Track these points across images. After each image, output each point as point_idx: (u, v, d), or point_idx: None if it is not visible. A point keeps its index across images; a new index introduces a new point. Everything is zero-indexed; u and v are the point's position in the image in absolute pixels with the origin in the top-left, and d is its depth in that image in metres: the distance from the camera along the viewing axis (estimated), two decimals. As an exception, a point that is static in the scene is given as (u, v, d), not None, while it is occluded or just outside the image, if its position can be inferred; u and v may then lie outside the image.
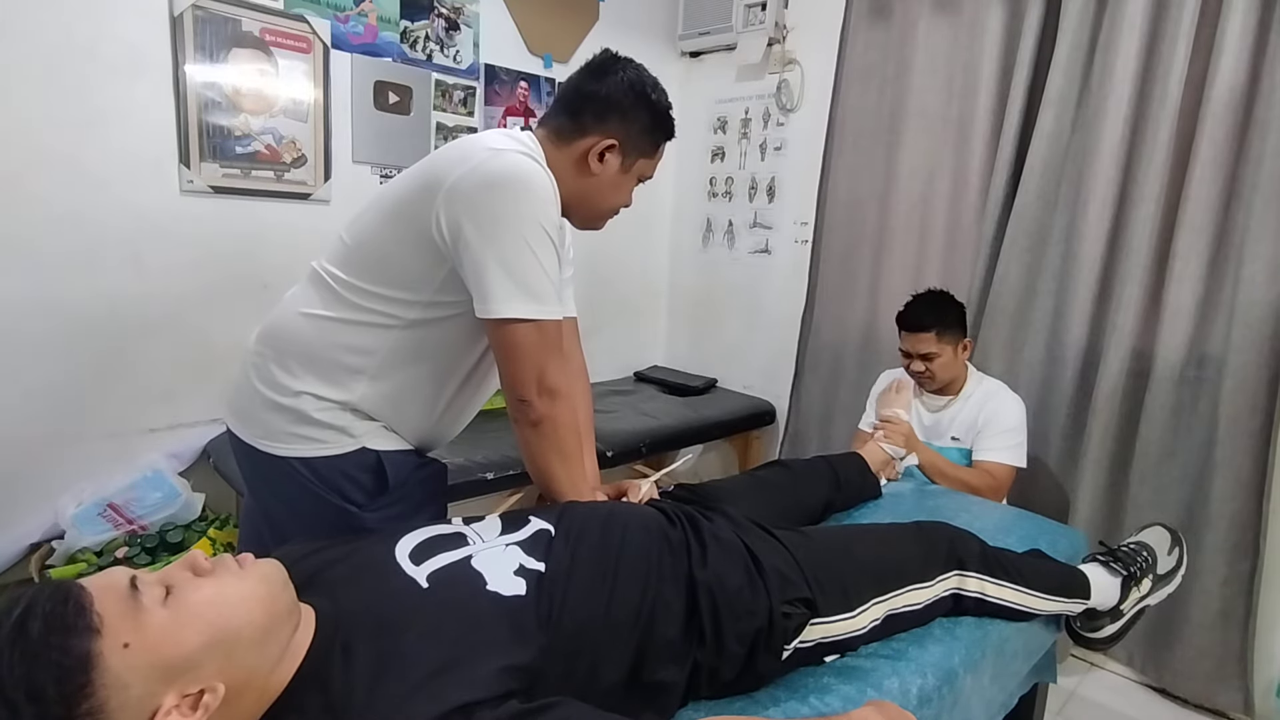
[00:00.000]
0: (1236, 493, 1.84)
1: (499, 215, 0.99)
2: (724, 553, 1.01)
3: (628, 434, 2.42)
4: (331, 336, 1.09)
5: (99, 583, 0.63)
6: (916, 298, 1.98)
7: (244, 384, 1.13)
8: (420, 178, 1.06)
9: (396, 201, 1.08)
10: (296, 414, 1.08)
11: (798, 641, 1.01)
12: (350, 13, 2.20)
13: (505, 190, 0.99)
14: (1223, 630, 1.88)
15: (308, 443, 1.09)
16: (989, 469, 1.89)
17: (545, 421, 1.08)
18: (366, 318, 1.08)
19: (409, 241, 1.04)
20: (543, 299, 1.02)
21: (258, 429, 1.11)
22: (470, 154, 1.02)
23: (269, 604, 0.69)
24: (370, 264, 1.08)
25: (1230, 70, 1.80)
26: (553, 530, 0.94)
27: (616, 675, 0.86)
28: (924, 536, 1.25)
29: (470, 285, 1.01)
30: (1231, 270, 1.85)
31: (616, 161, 1.17)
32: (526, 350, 1.02)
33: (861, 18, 2.54)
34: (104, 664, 0.59)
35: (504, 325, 1.01)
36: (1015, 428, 1.92)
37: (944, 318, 1.92)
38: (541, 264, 1.01)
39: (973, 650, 1.19)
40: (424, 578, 0.81)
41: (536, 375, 1.04)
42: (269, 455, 1.09)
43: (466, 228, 0.98)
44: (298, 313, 1.11)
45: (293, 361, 1.09)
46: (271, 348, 1.11)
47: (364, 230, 1.11)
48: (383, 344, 1.08)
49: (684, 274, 3.32)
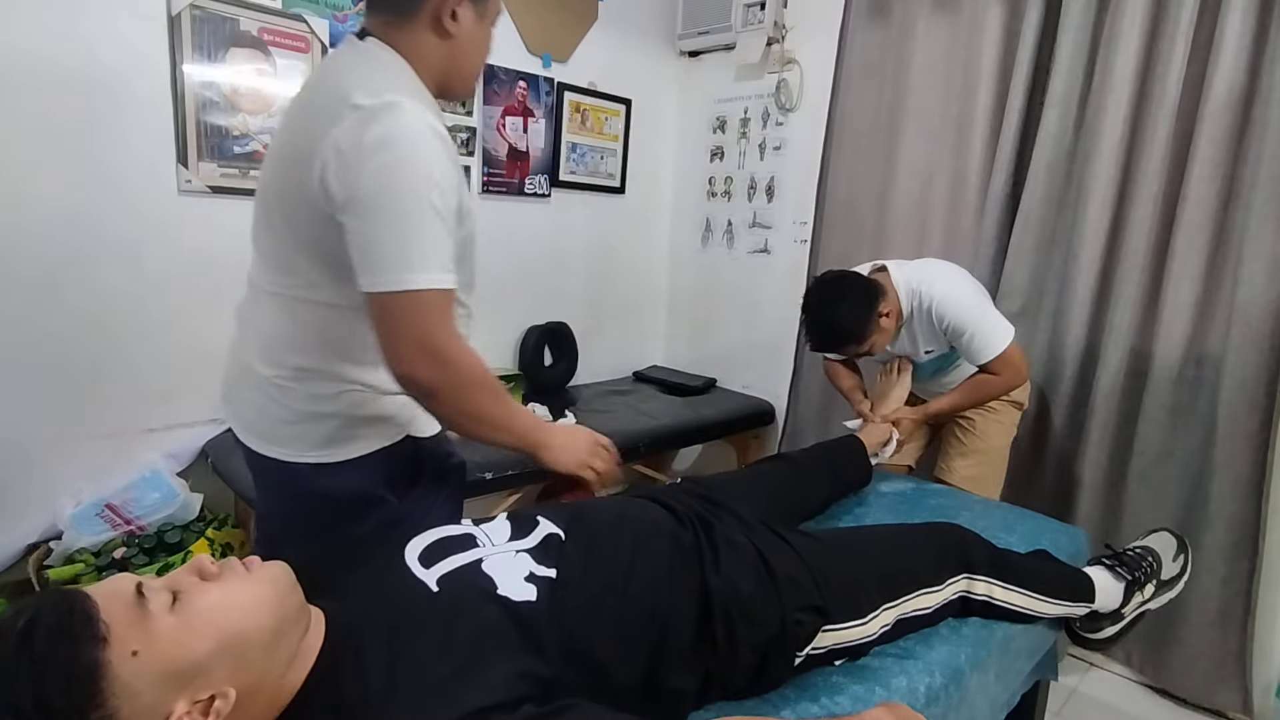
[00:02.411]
0: (1235, 492, 1.84)
1: (382, 183, 0.90)
2: (737, 558, 1.01)
3: (626, 434, 2.41)
4: (337, 320, 1.03)
5: (105, 590, 0.63)
6: (810, 327, 1.80)
7: (266, 406, 1.06)
8: (292, 152, 0.97)
9: (281, 189, 1.00)
10: (344, 418, 1.06)
11: (810, 649, 1.01)
12: (349, 12, 2.19)
13: (386, 154, 0.89)
14: (1221, 630, 1.89)
15: (356, 442, 1.07)
16: (991, 368, 1.79)
17: (440, 394, 0.97)
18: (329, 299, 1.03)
19: (319, 220, 0.96)
20: (432, 267, 0.93)
21: (294, 444, 1.06)
22: (339, 114, 0.91)
23: (277, 607, 0.69)
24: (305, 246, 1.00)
25: (1229, 70, 1.81)
26: (563, 535, 0.93)
27: (629, 682, 0.85)
28: (933, 539, 1.26)
29: (355, 257, 0.93)
30: (1230, 270, 1.86)
31: (470, 12, 1.04)
32: (410, 323, 0.93)
33: (861, 17, 2.54)
34: (113, 673, 0.58)
35: (387, 297, 0.92)
36: (976, 319, 1.77)
37: (847, 336, 1.76)
38: (431, 229, 0.93)
39: (979, 649, 1.20)
40: (434, 581, 0.80)
41: (417, 340, 0.94)
42: (311, 465, 1.05)
43: (350, 196, 0.90)
44: (288, 311, 1.04)
45: (318, 363, 1.03)
46: (289, 365, 1.04)
47: (276, 224, 1.03)
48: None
49: (683, 274, 3.32)
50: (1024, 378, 1.87)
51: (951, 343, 1.83)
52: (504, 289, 2.75)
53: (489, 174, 2.61)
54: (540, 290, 2.88)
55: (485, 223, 2.77)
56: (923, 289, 1.80)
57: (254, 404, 1.07)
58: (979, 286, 1.89)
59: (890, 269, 1.85)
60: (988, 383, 1.83)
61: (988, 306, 1.83)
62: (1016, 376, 1.83)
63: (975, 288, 1.87)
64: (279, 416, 1.05)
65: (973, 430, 1.96)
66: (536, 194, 2.78)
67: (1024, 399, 1.99)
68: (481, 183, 2.60)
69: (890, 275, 1.84)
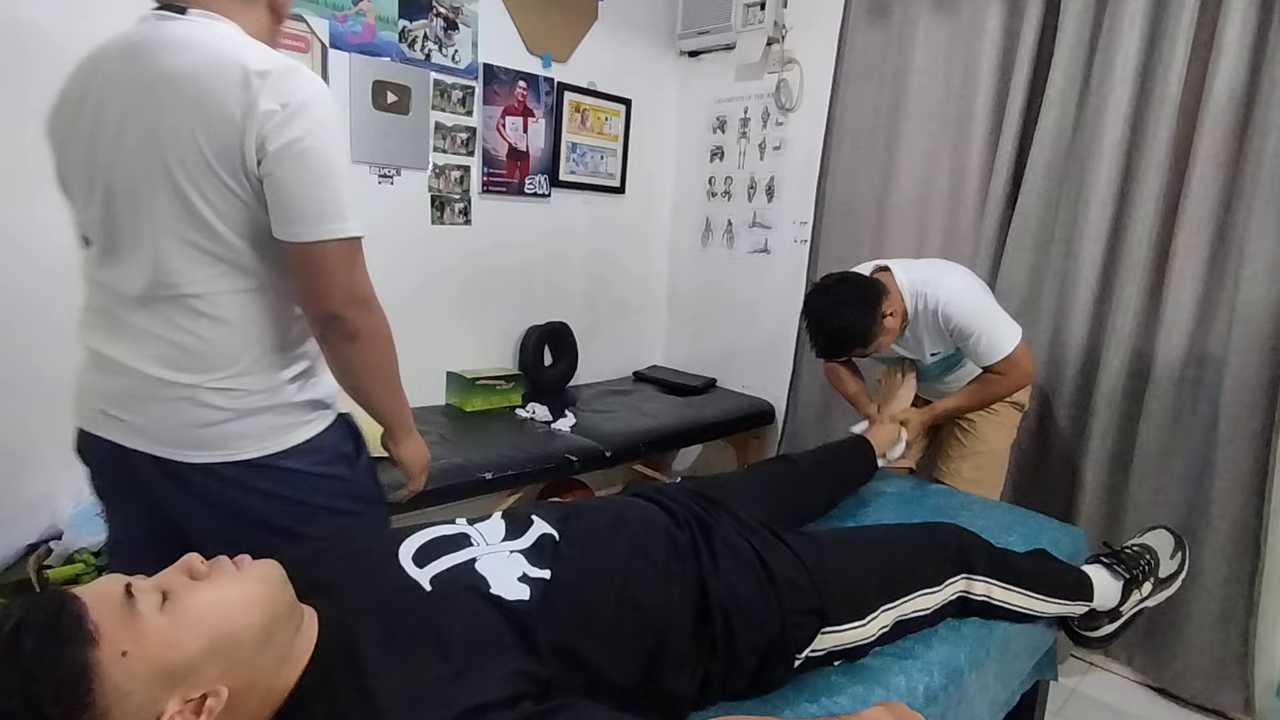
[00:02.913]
0: (1237, 492, 1.84)
1: (312, 137, 0.94)
2: (735, 560, 1.01)
3: (626, 434, 2.41)
4: (267, 304, 1.03)
5: (94, 591, 0.63)
6: (814, 335, 1.78)
7: (196, 414, 1.00)
8: (181, 130, 0.92)
9: (180, 169, 0.94)
10: (285, 405, 1.05)
11: (809, 650, 1.01)
12: (348, 12, 2.19)
13: (312, 111, 0.94)
14: (1223, 630, 1.88)
15: (302, 427, 1.07)
16: (998, 369, 1.78)
17: (361, 337, 1.03)
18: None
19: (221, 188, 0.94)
20: (358, 216, 0.99)
21: (234, 443, 1.03)
22: (245, 80, 0.91)
23: (268, 606, 0.69)
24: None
25: (1230, 70, 1.80)
26: (557, 535, 0.93)
27: (626, 683, 0.85)
28: (933, 540, 1.25)
29: (281, 210, 0.94)
30: (1232, 269, 1.86)
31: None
32: (343, 266, 0.98)
33: (860, 17, 2.54)
34: (103, 673, 0.58)
35: (321, 245, 0.96)
36: (983, 321, 1.75)
37: (852, 341, 1.74)
38: (349, 181, 0.98)
39: (978, 649, 1.19)
40: (427, 581, 0.80)
41: (346, 286, 0.99)
42: (245, 462, 1.02)
43: (283, 146, 0.92)
44: (214, 307, 0.99)
45: (261, 354, 1.03)
46: (229, 367, 1.01)
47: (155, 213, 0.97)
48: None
49: (683, 274, 3.32)
50: (1030, 378, 1.86)
51: (958, 344, 1.81)
52: (504, 289, 2.75)
53: (489, 174, 2.61)
54: (540, 290, 2.88)
55: (485, 223, 2.80)
56: (928, 290, 1.78)
57: (174, 414, 1.00)
58: (984, 287, 1.88)
59: (894, 269, 1.84)
60: (995, 383, 1.81)
61: (994, 307, 1.81)
62: (1024, 377, 1.82)
63: (981, 288, 1.85)
64: (209, 419, 1.00)
65: (973, 432, 1.95)
66: (536, 194, 2.78)
67: (1024, 400, 1.98)
68: (481, 183, 2.60)
69: (894, 275, 1.82)
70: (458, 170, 2.53)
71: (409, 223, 2.45)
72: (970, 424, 1.95)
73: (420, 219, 2.48)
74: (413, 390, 2.64)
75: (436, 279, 2.54)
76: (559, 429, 2.40)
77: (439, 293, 2.56)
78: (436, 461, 1.99)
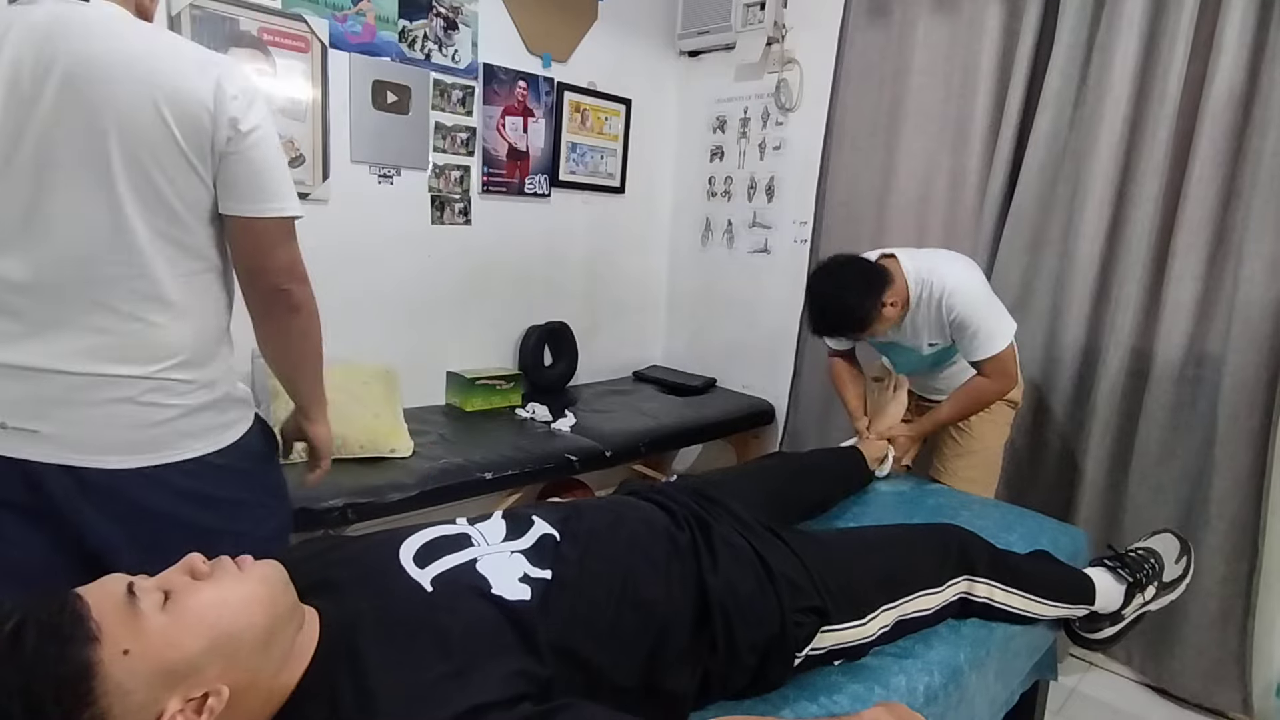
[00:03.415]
0: (1236, 492, 1.84)
1: (267, 124, 1.01)
2: (734, 559, 1.01)
3: (626, 434, 2.41)
4: (217, 286, 1.06)
5: (96, 590, 0.63)
6: (812, 310, 1.77)
7: (136, 413, 0.96)
8: (138, 112, 0.90)
9: (144, 152, 0.92)
10: (227, 401, 1.07)
11: (809, 649, 1.01)
12: (348, 12, 2.19)
13: (260, 101, 1.00)
14: (1221, 630, 1.88)
15: (238, 424, 1.09)
16: (985, 369, 1.77)
17: (303, 309, 1.09)
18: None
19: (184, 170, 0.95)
20: (297, 198, 1.06)
21: (180, 442, 1.00)
22: (202, 65, 0.94)
23: (269, 606, 0.69)
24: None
25: (1229, 69, 1.81)
26: (558, 535, 0.93)
27: (626, 683, 0.85)
28: (934, 540, 1.26)
29: (240, 186, 0.99)
30: (1231, 269, 1.86)
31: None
32: (288, 243, 1.05)
33: (860, 17, 2.54)
34: (104, 672, 0.58)
35: (273, 222, 1.02)
36: (984, 315, 1.74)
37: (849, 323, 1.72)
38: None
39: (978, 648, 1.20)
40: (428, 581, 0.80)
41: (291, 261, 1.06)
42: (188, 462, 1.00)
43: (253, 128, 0.98)
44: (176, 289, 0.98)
45: (208, 342, 1.03)
46: (176, 354, 0.99)
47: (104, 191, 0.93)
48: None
49: (683, 274, 3.32)
50: (1014, 382, 1.85)
51: (954, 336, 1.79)
52: (504, 289, 2.75)
53: (489, 174, 2.61)
54: (540, 290, 2.88)
55: (485, 223, 2.79)
56: (934, 279, 1.76)
57: (114, 417, 0.94)
58: (986, 281, 1.87)
59: (900, 257, 1.81)
60: (979, 391, 1.81)
61: (995, 303, 1.81)
62: (1008, 382, 1.81)
63: (984, 281, 1.84)
64: (155, 419, 0.97)
65: (968, 431, 1.95)
66: (536, 194, 2.78)
67: (1018, 397, 1.97)
68: (481, 183, 2.60)
69: (900, 263, 1.80)
70: (458, 170, 2.53)
71: (409, 223, 2.45)
72: (965, 423, 1.95)
73: (420, 219, 2.48)
74: (413, 390, 2.65)
75: (436, 279, 2.54)
76: (559, 429, 2.40)
77: (439, 293, 2.56)
78: (436, 461, 2.01)
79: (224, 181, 0.98)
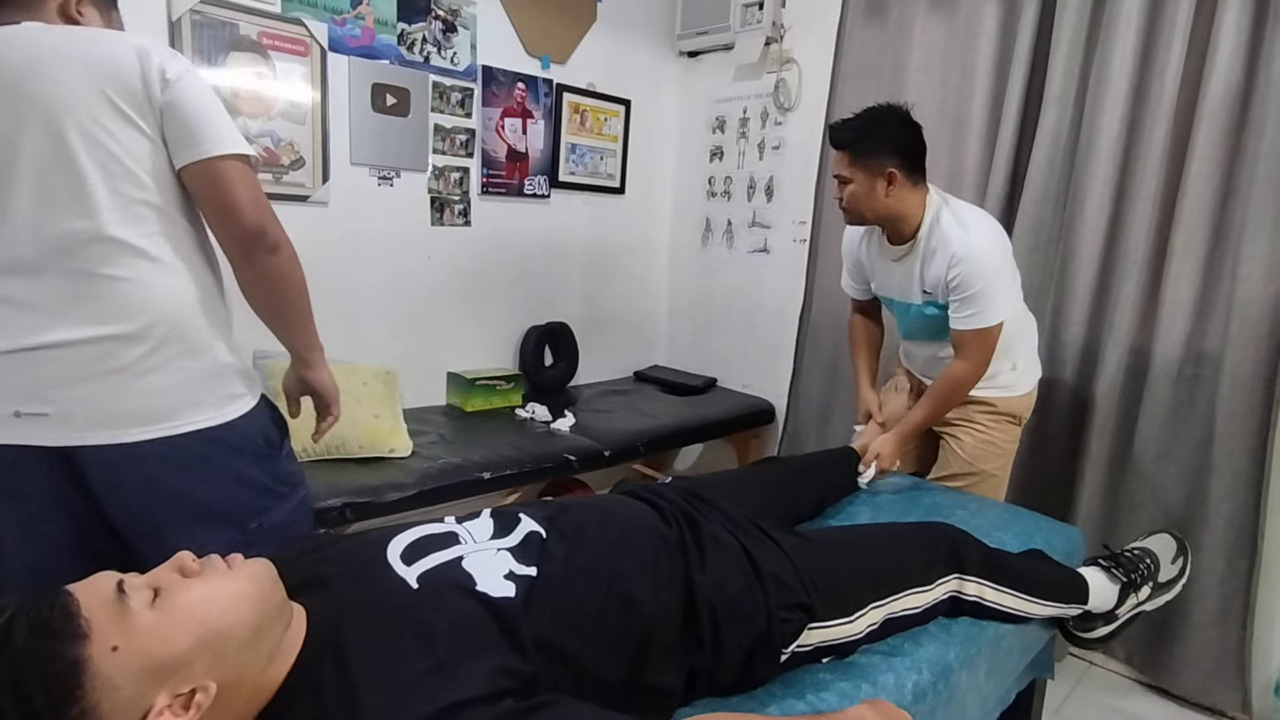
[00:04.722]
0: (1234, 490, 1.84)
1: (184, 71, 1.02)
2: (722, 556, 1.02)
3: (625, 433, 2.42)
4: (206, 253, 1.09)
5: (86, 587, 0.64)
6: (860, 111, 1.70)
7: (143, 384, 0.99)
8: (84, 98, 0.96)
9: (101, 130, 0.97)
10: (226, 368, 1.09)
11: (795, 646, 1.01)
12: (347, 15, 2.20)
13: (177, 56, 1.03)
14: (1220, 629, 1.88)
15: (240, 399, 1.10)
16: (964, 341, 1.67)
17: (283, 248, 1.08)
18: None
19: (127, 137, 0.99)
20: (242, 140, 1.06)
21: (182, 412, 1.02)
22: (126, 38, 1.02)
23: (258, 603, 0.70)
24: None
25: (1226, 67, 1.80)
26: (544, 532, 0.94)
27: (612, 679, 0.86)
28: (925, 539, 1.26)
29: (185, 134, 1.01)
30: (1229, 268, 1.85)
31: (92, 9, 1.12)
32: (250, 180, 1.05)
33: (858, 16, 2.54)
34: (93, 668, 0.59)
35: (226, 161, 1.02)
36: (990, 282, 1.61)
37: (863, 138, 1.64)
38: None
39: (968, 647, 1.20)
40: (415, 578, 0.81)
41: (254, 197, 1.05)
42: (191, 435, 1.02)
43: (179, 75, 1.01)
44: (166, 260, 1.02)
45: (191, 295, 1.05)
46: (161, 313, 1.01)
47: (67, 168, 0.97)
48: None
49: (683, 274, 3.33)
50: (986, 368, 1.71)
51: (951, 295, 1.65)
52: (504, 290, 2.77)
53: (488, 175, 2.63)
54: (540, 291, 2.89)
55: (485, 224, 2.80)
56: (953, 225, 1.64)
57: (117, 387, 0.97)
58: (1009, 252, 1.72)
59: (932, 190, 1.72)
60: (955, 382, 1.71)
61: (1008, 274, 1.68)
62: (984, 365, 1.69)
63: (1007, 251, 1.71)
64: (157, 385, 1.00)
65: (961, 453, 1.85)
66: (536, 195, 2.79)
67: (1022, 413, 1.87)
68: (481, 184, 2.61)
69: (929, 194, 1.71)
70: (457, 172, 2.54)
71: (409, 224, 2.46)
72: (963, 447, 1.85)
73: (420, 220, 2.49)
74: (413, 391, 2.65)
75: (436, 280, 2.56)
76: (559, 429, 2.41)
77: (439, 293, 2.57)
78: (436, 461, 2.02)
79: (169, 138, 1.01)
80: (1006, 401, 1.82)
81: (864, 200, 1.69)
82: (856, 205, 1.71)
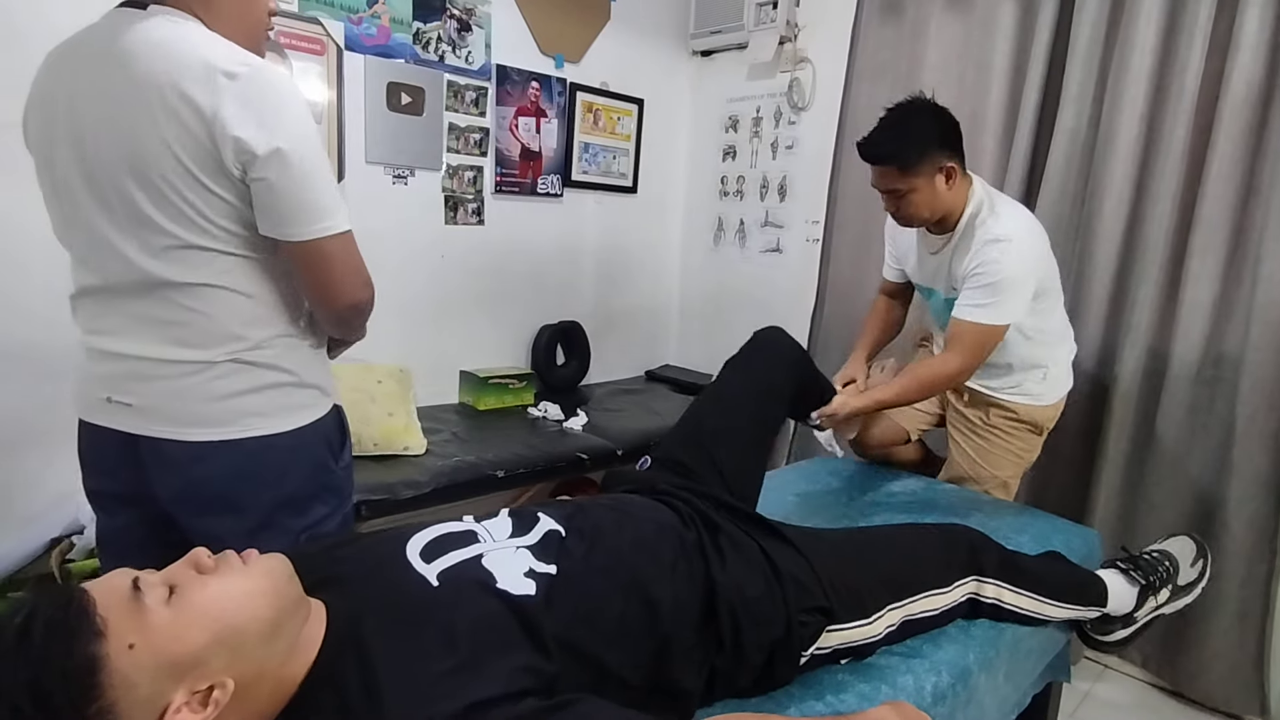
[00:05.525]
0: (1254, 493, 1.82)
1: (300, 138, 0.95)
2: (742, 559, 1.01)
3: (636, 433, 2.42)
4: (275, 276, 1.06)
5: (102, 585, 0.64)
6: (883, 118, 1.59)
7: (206, 389, 1.02)
8: (157, 128, 0.93)
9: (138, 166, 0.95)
10: (296, 381, 1.08)
11: (814, 648, 1.01)
12: (363, 15, 2.21)
13: (291, 110, 0.96)
14: (1239, 633, 1.86)
15: (305, 409, 1.10)
16: (959, 334, 1.59)
17: (368, 309, 1.10)
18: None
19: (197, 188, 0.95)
20: (344, 207, 1.02)
21: (242, 420, 1.04)
22: (209, 80, 0.91)
23: (274, 599, 0.70)
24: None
25: (1248, 66, 1.78)
26: (563, 531, 0.94)
27: (633, 680, 0.86)
28: (943, 541, 1.25)
29: (274, 215, 0.96)
30: (1249, 268, 1.83)
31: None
32: (348, 257, 1.03)
33: (873, 15, 2.53)
34: (110, 666, 0.59)
35: (323, 243, 0.99)
36: (998, 284, 1.54)
37: (907, 145, 1.54)
38: (328, 175, 1.01)
39: (987, 649, 1.19)
40: (434, 576, 0.81)
41: (356, 273, 1.05)
42: (248, 440, 1.04)
43: (273, 150, 0.93)
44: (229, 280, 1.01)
45: (269, 326, 1.05)
46: (246, 338, 1.03)
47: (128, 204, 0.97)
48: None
49: (695, 273, 3.32)
50: (973, 371, 1.65)
51: (966, 284, 1.60)
52: (516, 289, 2.77)
53: (502, 174, 2.63)
54: (552, 290, 2.90)
55: (498, 223, 2.81)
56: (991, 218, 1.58)
57: (182, 390, 1.01)
58: (1045, 257, 1.66)
59: (975, 181, 1.66)
60: (936, 374, 1.65)
61: (1029, 283, 1.59)
62: (971, 363, 1.61)
63: (1042, 256, 1.64)
64: (221, 392, 1.02)
65: (976, 455, 1.83)
66: (549, 194, 2.79)
67: (1044, 423, 1.81)
68: (494, 183, 2.62)
69: (973, 183, 1.65)
70: (471, 170, 2.55)
71: (423, 223, 2.47)
72: (975, 448, 1.82)
73: (434, 219, 2.50)
74: (426, 389, 2.66)
75: (450, 279, 2.56)
76: (571, 428, 2.41)
77: (452, 292, 2.58)
78: (449, 459, 2.02)
79: (257, 208, 0.97)
80: (1029, 410, 1.78)
81: (927, 205, 1.61)
82: (918, 212, 1.62)
